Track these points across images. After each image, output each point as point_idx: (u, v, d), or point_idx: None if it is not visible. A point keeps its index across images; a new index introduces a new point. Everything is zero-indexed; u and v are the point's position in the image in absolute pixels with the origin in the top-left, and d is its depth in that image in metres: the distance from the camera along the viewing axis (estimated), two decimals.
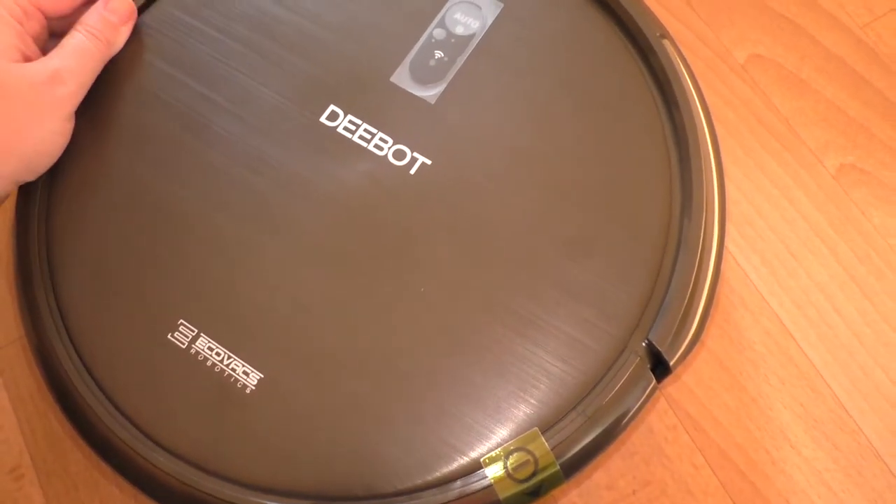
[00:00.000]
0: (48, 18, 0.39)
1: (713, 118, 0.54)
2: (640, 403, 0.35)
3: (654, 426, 0.45)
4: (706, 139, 0.39)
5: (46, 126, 0.36)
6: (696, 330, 0.36)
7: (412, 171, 0.38)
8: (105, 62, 0.40)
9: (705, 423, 0.45)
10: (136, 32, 0.42)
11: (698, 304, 0.36)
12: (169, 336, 0.36)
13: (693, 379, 0.46)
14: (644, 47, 0.41)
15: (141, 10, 0.43)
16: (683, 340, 0.36)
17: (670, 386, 0.46)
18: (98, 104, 0.40)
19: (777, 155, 0.53)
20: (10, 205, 0.41)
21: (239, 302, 0.36)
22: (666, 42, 0.41)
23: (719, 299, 0.48)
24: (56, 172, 0.39)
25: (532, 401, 0.35)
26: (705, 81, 0.55)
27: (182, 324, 0.36)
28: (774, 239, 0.51)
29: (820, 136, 0.54)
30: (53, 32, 0.40)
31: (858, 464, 0.45)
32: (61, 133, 0.37)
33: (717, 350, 0.47)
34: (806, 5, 0.57)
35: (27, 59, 0.37)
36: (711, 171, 0.39)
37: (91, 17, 0.39)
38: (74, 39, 0.38)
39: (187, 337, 0.36)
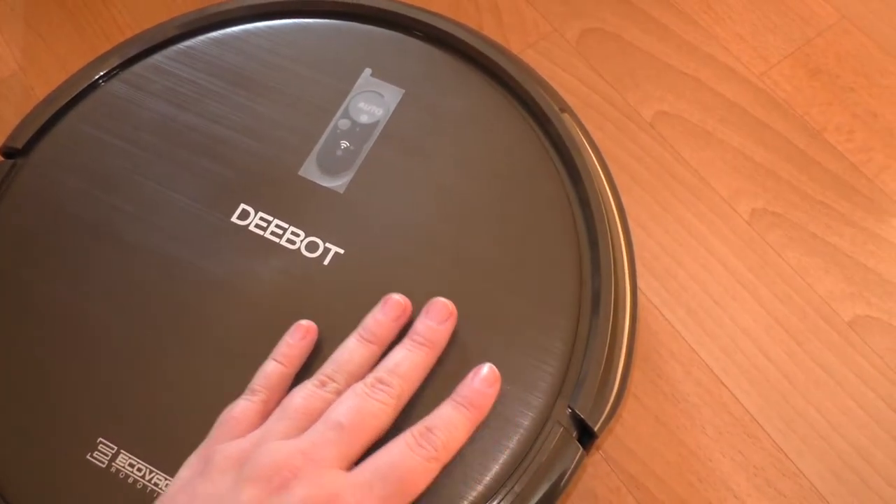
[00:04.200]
0: None
1: (627, 176, 0.55)
2: (569, 473, 0.35)
3: (598, 490, 0.45)
4: (611, 206, 0.40)
5: None
6: (617, 392, 0.36)
7: (325, 262, 0.39)
8: None
9: (648, 482, 0.45)
10: (43, 149, 0.42)
11: (617, 365, 0.37)
12: (88, 456, 0.35)
13: (631, 437, 0.46)
14: (545, 122, 0.42)
15: (47, 125, 0.43)
16: (606, 404, 0.36)
17: (610, 447, 0.46)
18: (6, 224, 0.40)
19: (691, 206, 0.55)
20: None
21: (158, 414, 0.36)
22: (566, 115, 0.43)
23: (649, 354, 0.49)
24: None
25: (461, 481, 0.34)
26: (615, 141, 0.57)
27: (101, 442, 0.35)
28: (697, 289, 0.52)
29: (730, 183, 0.56)
30: None
31: None
32: None
33: (652, 406, 0.47)
34: (704, 61, 0.60)
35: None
36: (619, 236, 0.40)
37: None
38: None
39: (107, 455, 0.35)
